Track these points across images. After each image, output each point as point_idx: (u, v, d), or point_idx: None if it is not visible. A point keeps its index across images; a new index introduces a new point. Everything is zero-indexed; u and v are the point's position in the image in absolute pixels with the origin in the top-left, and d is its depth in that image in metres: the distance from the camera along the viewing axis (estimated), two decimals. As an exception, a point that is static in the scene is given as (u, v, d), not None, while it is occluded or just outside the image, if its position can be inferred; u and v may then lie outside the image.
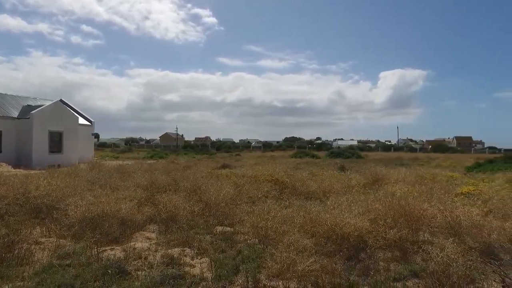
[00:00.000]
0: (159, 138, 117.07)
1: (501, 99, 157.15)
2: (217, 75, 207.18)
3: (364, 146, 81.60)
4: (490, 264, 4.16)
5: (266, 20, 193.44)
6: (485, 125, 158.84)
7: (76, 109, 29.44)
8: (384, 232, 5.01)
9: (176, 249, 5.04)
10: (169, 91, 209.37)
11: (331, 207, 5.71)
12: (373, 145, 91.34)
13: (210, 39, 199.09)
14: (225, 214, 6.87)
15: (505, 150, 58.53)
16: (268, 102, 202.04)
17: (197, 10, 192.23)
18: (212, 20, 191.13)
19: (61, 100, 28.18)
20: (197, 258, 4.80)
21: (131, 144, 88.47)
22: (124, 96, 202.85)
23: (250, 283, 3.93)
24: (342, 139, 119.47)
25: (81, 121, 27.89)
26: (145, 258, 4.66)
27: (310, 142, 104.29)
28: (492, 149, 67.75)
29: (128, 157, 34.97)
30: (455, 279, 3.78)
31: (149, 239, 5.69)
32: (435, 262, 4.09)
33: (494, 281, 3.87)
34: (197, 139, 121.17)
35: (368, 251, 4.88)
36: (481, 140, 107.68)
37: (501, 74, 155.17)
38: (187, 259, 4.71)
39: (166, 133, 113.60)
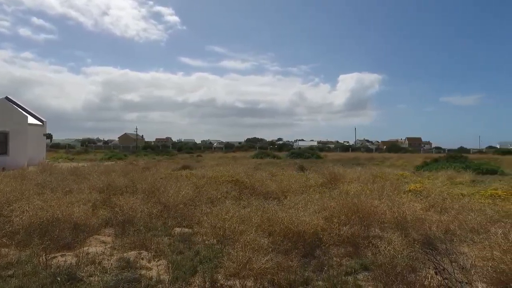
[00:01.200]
0: (118, 139, 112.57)
1: (446, 103, 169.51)
2: (179, 75, 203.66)
3: (323, 147, 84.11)
4: (428, 253, 4.51)
5: (229, 21, 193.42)
6: (432, 127, 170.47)
7: (25, 107, 27.42)
8: (338, 229, 5.25)
9: (132, 252, 4.93)
10: (128, 91, 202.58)
11: (288, 207, 5.87)
12: (332, 146, 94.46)
13: (172, 38, 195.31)
14: (184, 215, 6.82)
15: (449, 150, 63.30)
16: (230, 103, 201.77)
17: (159, 8, 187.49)
18: (175, 19, 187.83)
19: (6, 98, 26.15)
20: (154, 260, 4.73)
21: (88, 145, 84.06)
22: (81, 95, 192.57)
23: (207, 283, 3.95)
24: (302, 139, 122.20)
25: (31, 120, 26.01)
26: (99, 263, 4.51)
27: (272, 142, 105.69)
28: (438, 149, 72.84)
29: (84, 159, 33.26)
30: (399, 269, 4.07)
31: (104, 243, 5.51)
32: (383, 255, 4.38)
33: (429, 268, 4.21)
34: (157, 140, 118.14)
35: (323, 247, 5.08)
36: (429, 141, 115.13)
37: (446, 81, 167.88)
38: (144, 262, 4.63)
39: (125, 133, 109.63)
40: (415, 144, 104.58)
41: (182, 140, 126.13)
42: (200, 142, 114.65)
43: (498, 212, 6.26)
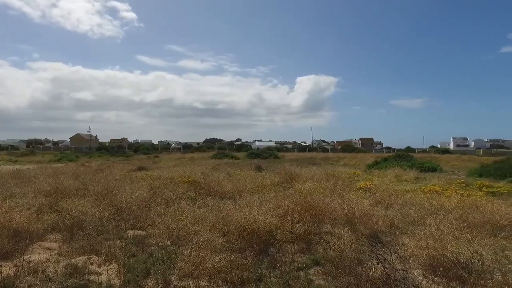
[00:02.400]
0: (69, 140, 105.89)
1: (396, 106, 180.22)
2: (135, 74, 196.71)
3: (281, 147, 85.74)
4: (373, 246, 4.83)
5: (189, 21, 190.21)
6: (384, 128, 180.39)
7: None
8: (291, 227, 5.42)
9: (81, 257, 4.73)
10: (81, 89, 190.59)
11: (243, 206, 5.95)
12: (290, 146, 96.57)
13: (128, 36, 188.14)
14: (138, 217, 6.64)
15: (397, 149, 67.46)
16: (189, 103, 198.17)
17: (114, 3, 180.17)
18: (131, 15, 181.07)
19: None
20: (105, 265, 4.58)
21: (35, 146, 78.40)
22: (26, 92, 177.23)
23: (160, 285, 3.91)
24: (261, 140, 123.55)
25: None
26: (43, 271, 4.27)
27: (231, 143, 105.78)
28: (388, 149, 77.43)
29: (30, 161, 30.94)
30: (347, 262, 4.31)
31: (50, 249, 5.22)
32: (333, 250, 4.61)
33: (374, 259, 4.50)
34: (113, 141, 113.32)
35: (276, 245, 5.22)
36: (380, 141, 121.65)
37: (396, 85, 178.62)
38: (94, 267, 4.46)
39: (78, 134, 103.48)
40: (368, 144, 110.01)
41: (139, 141, 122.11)
42: (157, 143, 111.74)
43: (434, 206, 6.82)
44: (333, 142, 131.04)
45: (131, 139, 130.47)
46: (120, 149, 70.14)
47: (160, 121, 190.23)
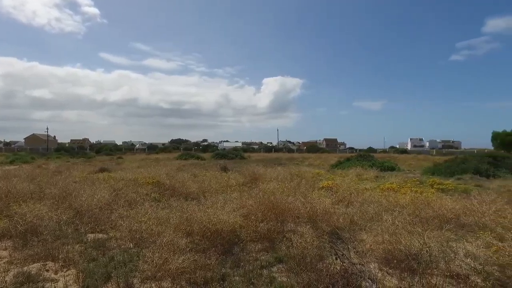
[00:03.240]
0: (23, 140, 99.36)
1: (358, 107, 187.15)
2: (98, 72, 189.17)
3: (248, 148, 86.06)
4: (333, 243, 5.04)
5: (155, 19, 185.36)
6: (347, 129, 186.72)
7: None
8: (255, 226, 5.51)
9: (35, 264, 4.52)
10: (38, 86, 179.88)
11: (207, 206, 5.96)
12: (256, 147, 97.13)
13: (91, 32, 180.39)
14: (99, 220, 6.44)
15: (360, 150, 70.14)
16: (154, 103, 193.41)
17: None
18: (94, 10, 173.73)
19: None
20: (62, 271, 4.41)
21: (-18, 147, 72.78)
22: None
23: (121, 288, 3.84)
24: (227, 141, 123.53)
25: None
26: (-11, 282, 4.03)
27: (197, 144, 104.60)
28: (351, 149, 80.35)
29: (-25, 163, 28.69)
30: (309, 259, 4.47)
31: None
32: (295, 248, 4.74)
33: (334, 255, 4.71)
34: (73, 141, 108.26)
35: (241, 244, 5.29)
36: (344, 142, 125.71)
37: (358, 87, 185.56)
38: (49, 274, 4.28)
39: (34, 134, 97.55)
40: (332, 145, 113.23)
41: (101, 142, 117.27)
42: (121, 144, 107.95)
43: (391, 203, 7.22)
44: (298, 142, 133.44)
45: (93, 140, 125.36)
46: (81, 150, 67.06)
47: (124, 121, 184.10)
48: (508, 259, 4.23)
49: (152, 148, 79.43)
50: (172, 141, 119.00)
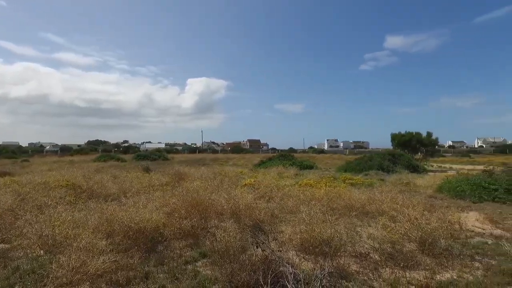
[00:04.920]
0: None
1: (280, 110, 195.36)
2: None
3: (171, 149, 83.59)
4: (255, 235, 5.33)
5: (73, 9, 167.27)
6: (269, 130, 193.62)
7: None
8: (179, 223, 5.51)
9: None
10: None
11: (129, 206, 5.77)
12: (180, 148, 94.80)
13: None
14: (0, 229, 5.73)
15: (281, 150, 73.42)
16: (69, 101, 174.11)
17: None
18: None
19: None
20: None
21: None
22: None
23: (31, 297, 3.54)
24: (150, 142, 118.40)
25: None
26: None
27: (117, 145, 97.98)
28: (274, 150, 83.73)
29: None
30: (232, 252, 4.65)
31: None
32: (219, 242, 4.89)
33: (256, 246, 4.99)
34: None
35: (164, 242, 5.25)
36: (266, 143, 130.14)
37: (280, 90, 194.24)
38: None
39: None
40: (255, 146, 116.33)
41: (1, 143, 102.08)
42: (27, 145, 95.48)
43: (308, 196, 7.87)
44: (223, 143, 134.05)
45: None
46: (-30, 153, 57.47)
47: (31, 120, 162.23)
48: (398, 236, 5.01)
49: (65, 150, 71.74)
50: (89, 143, 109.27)
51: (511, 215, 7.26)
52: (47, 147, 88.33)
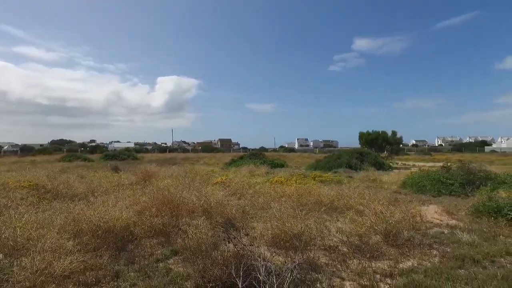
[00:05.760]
0: None
1: (251, 109, 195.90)
2: None
3: (141, 148, 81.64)
4: (227, 231, 5.37)
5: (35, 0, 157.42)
6: (240, 130, 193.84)
7: None
8: (150, 221, 5.45)
9: None
10: None
11: (97, 205, 5.63)
12: (150, 147, 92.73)
13: None
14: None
15: (252, 149, 73.97)
16: (30, 98, 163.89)
17: None
18: None
19: None
20: None
21: None
22: None
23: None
24: (118, 141, 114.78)
25: None
26: None
27: (83, 144, 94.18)
28: (245, 149, 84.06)
29: None
30: (204, 248, 4.67)
31: None
32: (191, 239, 4.89)
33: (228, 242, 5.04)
34: None
35: (135, 241, 5.17)
36: (238, 142, 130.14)
37: (251, 89, 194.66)
38: None
39: None
40: (226, 145, 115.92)
41: None
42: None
43: (278, 193, 8.02)
44: (193, 143, 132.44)
45: None
46: None
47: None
48: (364, 229, 5.25)
49: (26, 150, 67.77)
50: (53, 142, 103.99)
51: (464, 207, 7.80)
52: (5, 147, 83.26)
